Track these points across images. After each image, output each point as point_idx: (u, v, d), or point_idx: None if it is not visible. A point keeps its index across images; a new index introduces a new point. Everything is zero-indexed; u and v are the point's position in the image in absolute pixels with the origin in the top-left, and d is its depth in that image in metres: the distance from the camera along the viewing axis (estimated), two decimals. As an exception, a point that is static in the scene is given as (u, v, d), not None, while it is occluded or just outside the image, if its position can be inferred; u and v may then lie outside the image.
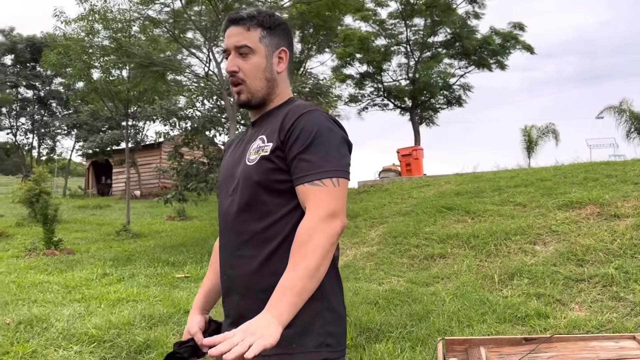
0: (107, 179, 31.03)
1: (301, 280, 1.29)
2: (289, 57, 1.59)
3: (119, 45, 9.56)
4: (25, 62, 31.53)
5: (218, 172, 11.64)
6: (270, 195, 1.45)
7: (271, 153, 1.44)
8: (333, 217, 1.35)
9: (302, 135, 1.41)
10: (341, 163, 1.42)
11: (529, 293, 5.12)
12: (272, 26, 1.55)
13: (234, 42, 1.52)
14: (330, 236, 1.34)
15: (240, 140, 1.70)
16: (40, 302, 5.87)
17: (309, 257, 1.31)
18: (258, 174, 1.45)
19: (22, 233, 12.54)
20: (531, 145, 23.56)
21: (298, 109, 1.48)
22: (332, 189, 1.38)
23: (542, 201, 7.72)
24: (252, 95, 1.54)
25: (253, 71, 1.52)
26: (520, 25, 16.72)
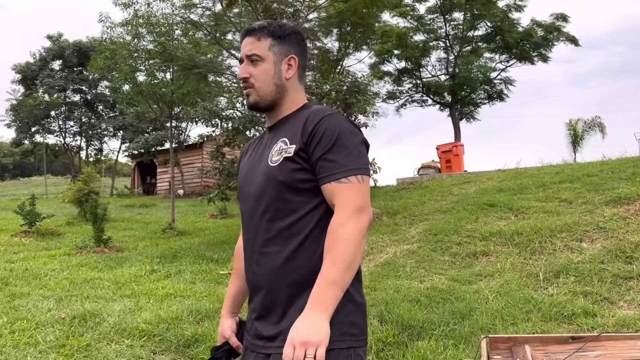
0: (152, 179, 31.86)
1: (340, 272, 1.41)
2: (299, 64, 1.70)
3: (163, 49, 9.83)
4: (72, 66, 32.68)
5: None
6: (294, 194, 1.55)
7: (295, 154, 1.54)
8: (361, 211, 1.47)
9: (325, 137, 1.52)
10: (363, 161, 1.54)
11: (575, 291, 5.02)
12: (281, 35, 1.67)
13: (245, 51, 1.66)
14: (361, 229, 1.45)
15: (256, 145, 1.79)
16: (92, 297, 6.10)
17: (345, 250, 1.43)
18: (282, 174, 1.55)
19: (73, 231, 13.00)
20: (577, 139, 22.91)
21: (318, 112, 1.58)
22: (357, 185, 1.49)
23: (588, 197, 7.54)
24: (260, 97, 1.66)
25: (262, 76, 1.64)
26: (563, 16, 16.25)
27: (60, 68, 33.15)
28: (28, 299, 5.87)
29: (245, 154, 1.88)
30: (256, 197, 1.63)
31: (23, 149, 37.51)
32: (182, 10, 10.54)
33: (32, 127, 33.62)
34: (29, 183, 54.23)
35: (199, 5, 10.27)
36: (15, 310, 5.25)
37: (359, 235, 1.45)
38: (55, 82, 31.95)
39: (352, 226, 1.44)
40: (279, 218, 1.56)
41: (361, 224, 1.46)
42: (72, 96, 33.74)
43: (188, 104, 12.74)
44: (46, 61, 32.77)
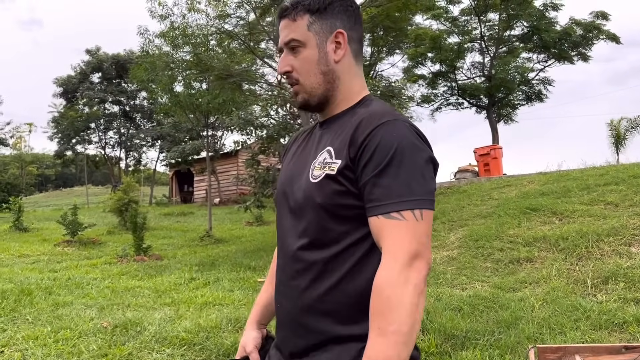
0: (189, 187, 32.36)
1: (395, 348, 1.09)
2: (350, 39, 1.33)
3: (199, 60, 9.97)
4: (111, 78, 33.56)
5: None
6: (334, 222, 1.24)
7: (338, 173, 1.22)
8: (416, 259, 1.13)
9: (378, 153, 1.17)
10: (426, 190, 1.18)
11: (625, 298, 4.82)
12: (320, 7, 1.31)
13: (282, 38, 1.33)
14: (417, 285, 1.12)
15: (304, 140, 1.47)
16: (133, 306, 6.18)
17: (398, 318, 1.10)
18: (321, 195, 1.24)
19: (113, 240, 13.28)
20: (619, 139, 22.16)
21: (374, 117, 1.23)
22: (413, 224, 1.15)
23: (635, 200, 7.25)
24: (308, 95, 1.34)
25: (305, 66, 1.32)
26: (603, 14, 15.77)
27: (99, 80, 34.08)
28: (71, 308, 5.98)
29: (289, 150, 1.55)
30: (293, 215, 1.33)
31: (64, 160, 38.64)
32: (217, 21, 10.67)
33: (73, 139, 34.62)
34: (70, 193, 55.87)
35: (233, 15, 10.37)
36: (59, 320, 5.34)
37: (414, 294, 1.11)
38: (95, 95, 32.88)
39: (405, 282, 1.11)
40: (315, 248, 1.26)
41: (416, 277, 1.12)
42: (111, 107, 34.64)
43: (224, 112, 12.89)
44: (86, 74, 33.77)
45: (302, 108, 1.40)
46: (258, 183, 11.53)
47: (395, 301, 1.10)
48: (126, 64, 31.41)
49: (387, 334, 1.10)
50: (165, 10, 10.82)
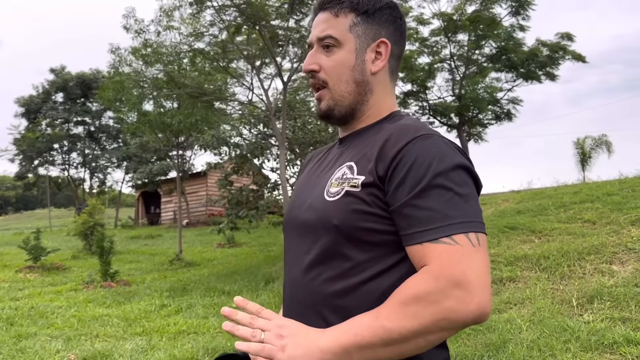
0: (156, 209, 31.68)
1: (372, 335, 0.93)
2: (392, 53, 1.18)
3: (171, 78, 9.73)
4: (75, 98, 32.78)
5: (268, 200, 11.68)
6: (354, 248, 1.04)
7: (362, 189, 1.04)
8: (466, 290, 0.90)
9: (415, 170, 0.99)
10: (475, 211, 0.99)
11: (612, 317, 4.75)
12: (369, 10, 1.16)
13: (317, 32, 1.17)
14: (449, 315, 0.90)
15: (321, 158, 1.29)
16: (102, 336, 5.85)
17: (399, 322, 0.92)
18: (340, 215, 1.04)
19: (79, 265, 12.77)
20: (585, 158, 22.72)
21: (406, 131, 1.05)
22: (469, 249, 0.94)
23: (612, 217, 7.28)
24: (335, 102, 1.16)
25: (337, 69, 1.15)
26: (568, 35, 16.22)
27: (63, 100, 33.25)
28: (35, 339, 5.62)
29: (303, 170, 1.38)
30: (302, 239, 1.14)
31: (26, 182, 37.43)
32: (190, 39, 10.48)
33: (35, 160, 33.59)
34: (32, 216, 54.12)
35: (206, 33, 10.20)
36: (22, 353, 5.00)
37: (438, 319, 0.91)
38: (59, 115, 32.03)
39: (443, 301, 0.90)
40: (329, 279, 1.06)
41: (458, 309, 0.90)
42: (75, 128, 33.79)
43: (196, 131, 12.61)
44: (49, 94, 32.90)
45: (323, 117, 1.21)
46: (231, 204, 11.26)
47: (417, 305, 0.92)
48: (92, 83, 30.77)
49: (381, 318, 0.95)
50: (141, 26, 10.58)
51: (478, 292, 0.90)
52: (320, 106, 1.19)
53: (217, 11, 9.76)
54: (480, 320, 0.92)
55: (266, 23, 9.30)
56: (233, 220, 11.19)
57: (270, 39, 9.66)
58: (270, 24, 9.37)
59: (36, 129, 32.42)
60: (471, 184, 1.02)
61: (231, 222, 11.23)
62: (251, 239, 16.41)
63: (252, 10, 8.99)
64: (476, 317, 0.91)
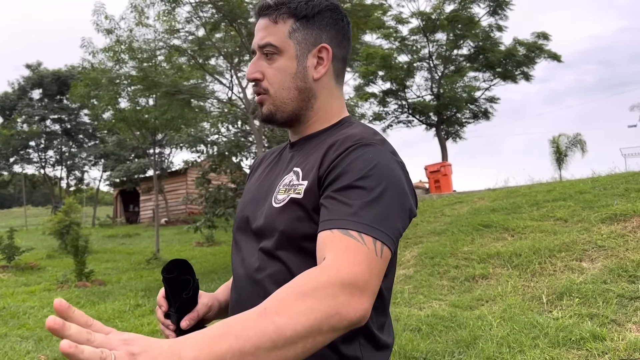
0: (135, 207, 31.36)
1: (261, 336, 0.78)
2: (334, 56, 1.16)
3: (146, 75, 9.63)
4: (52, 95, 32.26)
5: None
6: (299, 255, 1.03)
7: (305, 195, 1.03)
8: (361, 292, 0.87)
9: (351, 170, 0.98)
10: (396, 226, 0.97)
11: (580, 314, 4.84)
12: (308, 14, 1.13)
13: (257, 40, 1.15)
14: (341, 311, 0.84)
15: (273, 161, 1.28)
16: (75, 337, 5.77)
17: (294, 316, 0.81)
18: (284, 222, 1.04)
19: (53, 265, 12.59)
20: (561, 156, 23.05)
21: (350, 138, 1.05)
22: (372, 255, 0.91)
23: (583, 215, 7.41)
24: (276, 108, 1.15)
25: (279, 77, 1.13)
26: (544, 34, 16.45)
27: (39, 97, 32.72)
28: (5, 340, 5.53)
29: (255, 170, 1.36)
30: (252, 242, 1.13)
31: (1, 180, 36.77)
32: (165, 36, 10.38)
33: (11, 158, 33.01)
34: (8, 215, 53.15)
35: (182, 30, 10.13)
36: (-9, 355, 4.91)
37: (328, 317, 0.83)
38: (35, 112, 31.50)
39: (332, 299, 0.84)
40: (273, 283, 1.03)
41: (348, 308, 0.85)
42: (52, 125, 33.26)
43: (172, 129, 12.51)
44: (25, 90, 32.33)
45: (265, 121, 1.20)
46: (209, 202, 11.20)
47: (308, 302, 0.82)
48: (68, 80, 30.32)
49: (268, 317, 0.80)
50: (112, 24, 10.44)
51: (368, 297, 0.89)
52: (262, 110, 1.18)
53: (194, 8, 9.69)
54: (359, 324, 0.88)
55: (244, 21, 9.26)
56: (210, 218, 11.14)
57: (248, 36, 9.62)
58: (249, 21, 9.33)
59: (11, 126, 31.86)
60: (404, 197, 1.01)
61: (209, 220, 11.18)
62: (230, 237, 16.31)
63: (229, 7, 8.95)
64: (359, 320, 0.87)
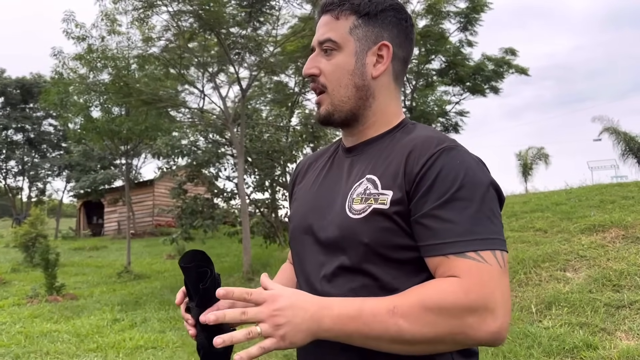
0: (99, 219, 30.54)
1: (383, 331, 0.89)
2: (394, 56, 1.13)
3: (125, 83, 9.41)
4: (15, 104, 31.25)
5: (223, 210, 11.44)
6: (385, 267, 1.00)
7: (391, 206, 0.99)
8: (492, 314, 0.88)
9: (441, 182, 0.96)
10: (499, 229, 0.97)
11: (571, 323, 4.91)
12: (370, 12, 1.11)
13: (318, 35, 1.13)
14: (468, 332, 0.88)
15: (325, 166, 1.22)
16: (53, 353, 5.55)
17: (417, 325, 0.89)
18: (370, 233, 1.00)
19: (19, 279, 12.11)
20: (526, 169, 23.64)
21: (430, 141, 1.02)
22: (497, 270, 0.92)
23: (562, 226, 7.56)
24: (334, 108, 1.12)
25: (337, 73, 1.10)
26: (512, 50, 16.94)
27: (1, 106, 31.65)
28: (-21, 359, 5.25)
29: (303, 175, 1.29)
30: (325, 250, 1.08)
31: (-43, 191, 35.35)
32: (141, 44, 10.19)
33: (-31, 168, 31.82)
34: (-37, 227, 50.97)
35: (162, 38, 9.97)
36: (-34, 374, 4.66)
37: (453, 333, 0.89)
38: (-4, 121, 30.47)
39: (460, 317, 0.88)
40: (351, 293, 1.02)
41: (477, 328, 0.88)
42: (15, 135, 32.18)
43: (148, 138, 12.23)
44: (-15, 99, 31.27)
45: (323, 122, 1.16)
46: (185, 213, 10.97)
47: (433, 313, 0.88)
48: (32, 88, 29.45)
49: (396, 316, 0.89)
50: (83, 31, 10.19)
51: (501, 316, 0.89)
52: (319, 111, 1.15)
53: (172, 16, 9.56)
54: (496, 344, 0.90)
55: (225, 29, 9.17)
56: (187, 230, 10.91)
57: (228, 45, 9.54)
58: (229, 30, 9.25)
59: (-30, 135, 30.73)
60: (496, 201, 1.01)
61: (185, 232, 10.94)
62: (203, 249, 16.02)
63: (209, 16, 8.85)
64: (493, 340, 0.90)
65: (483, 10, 16.10)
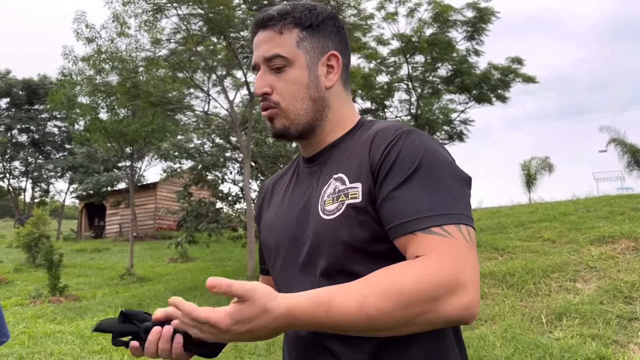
0: (100, 221, 30.50)
1: (352, 323, 0.85)
2: (342, 64, 1.13)
3: (133, 85, 9.40)
4: (20, 104, 31.28)
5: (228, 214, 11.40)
6: (368, 263, 0.96)
7: (364, 198, 0.98)
8: (463, 289, 0.85)
9: (401, 162, 0.95)
10: (466, 203, 0.95)
11: (582, 334, 4.85)
12: (313, 23, 1.10)
13: (262, 53, 1.09)
14: (439, 309, 0.84)
15: (286, 184, 1.22)
16: (57, 354, 5.50)
17: (396, 308, 0.84)
18: (347, 231, 0.98)
19: (22, 279, 12.07)
20: (530, 179, 23.61)
21: (389, 130, 1.02)
22: (462, 244, 0.89)
23: (571, 236, 7.51)
24: (290, 121, 1.10)
25: (291, 89, 1.08)
26: (518, 59, 16.88)
27: (7, 106, 31.67)
28: (-17, 358, 5.21)
29: (270, 198, 1.26)
30: (304, 267, 1.05)
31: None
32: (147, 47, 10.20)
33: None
34: (-38, 227, 50.97)
35: (172, 40, 9.96)
36: (-29, 374, 4.61)
37: (424, 314, 0.85)
38: (1, 121, 30.45)
39: (430, 293, 0.84)
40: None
41: (449, 306, 0.85)
42: (19, 136, 32.19)
43: (155, 140, 12.20)
44: (-9, 99, 31.28)
45: (278, 136, 1.13)
46: (191, 217, 10.92)
47: (405, 292, 0.84)
48: (38, 90, 29.48)
49: (367, 298, 0.85)
50: (93, 33, 10.20)
51: (471, 291, 0.86)
52: (274, 125, 1.12)
53: (181, 19, 9.56)
54: (467, 320, 0.87)
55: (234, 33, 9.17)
56: (191, 233, 10.85)
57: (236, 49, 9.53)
58: (240, 34, 9.24)
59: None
60: (458, 179, 0.97)
61: (190, 235, 10.89)
62: (205, 253, 16.00)
63: (218, 19, 8.85)
64: (464, 316, 0.86)
65: (490, 20, 16.09)
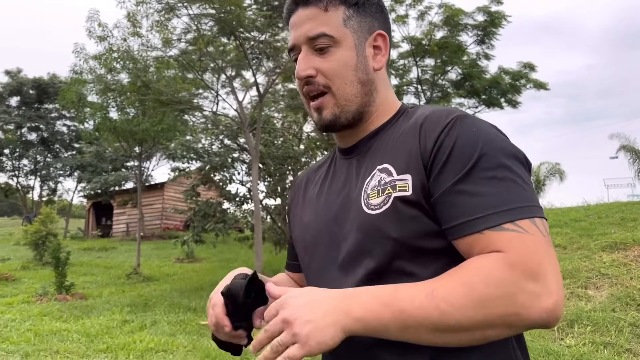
0: (107, 220, 30.57)
1: (423, 317, 0.77)
2: (389, 46, 1.04)
3: (144, 84, 9.39)
4: (30, 103, 31.45)
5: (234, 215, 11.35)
6: (417, 261, 0.88)
7: (414, 190, 0.87)
8: (545, 289, 0.76)
9: (458, 153, 0.85)
10: (533, 194, 0.85)
11: (594, 342, 4.77)
12: (359, 1, 1.00)
13: (305, 32, 0.98)
14: (521, 312, 0.76)
15: (327, 176, 1.11)
16: (63, 352, 5.47)
17: (468, 303, 0.76)
18: (396, 226, 0.88)
19: (29, 277, 12.08)
20: (539, 184, 23.39)
21: (439, 115, 0.91)
22: (539, 239, 0.80)
23: (582, 242, 7.41)
24: (341, 109, 0.99)
25: (340, 71, 0.97)
26: (530, 65, 16.74)
27: (17, 105, 31.84)
28: (-11, 355, 5.19)
29: (304, 193, 1.16)
30: (345, 267, 0.96)
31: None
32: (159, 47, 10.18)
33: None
34: (-30, 224, 51.28)
35: (183, 40, 9.95)
36: (-24, 370, 4.59)
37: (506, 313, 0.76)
38: (11, 119, 30.61)
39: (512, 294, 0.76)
40: None
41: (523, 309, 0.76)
42: (29, 134, 32.34)
43: (164, 139, 12.19)
44: (2, 97, 31.43)
45: (327, 128, 1.02)
46: (198, 216, 10.89)
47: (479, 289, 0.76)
48: (48, 88, 29.63)
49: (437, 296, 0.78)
50: (105, 32, 10.20)
51: (555, 289, 0.77)
52: (322, 116, 1.00)
53: (192, 19, 9.54)
54: (550, 324, 0.77)
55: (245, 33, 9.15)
56: (198, 233, 10.82)
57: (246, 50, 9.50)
58: (251, 34, 9.22)
59: (-16, 132, 30.93)
60: (522, 166, 0.88)
61: (197, 234, 10.85)
62: (211, 254, 15.98)
63: (229, 19, 8.83)
64: (548, 319, 0.76)
65: (501, 24, 15.99)
